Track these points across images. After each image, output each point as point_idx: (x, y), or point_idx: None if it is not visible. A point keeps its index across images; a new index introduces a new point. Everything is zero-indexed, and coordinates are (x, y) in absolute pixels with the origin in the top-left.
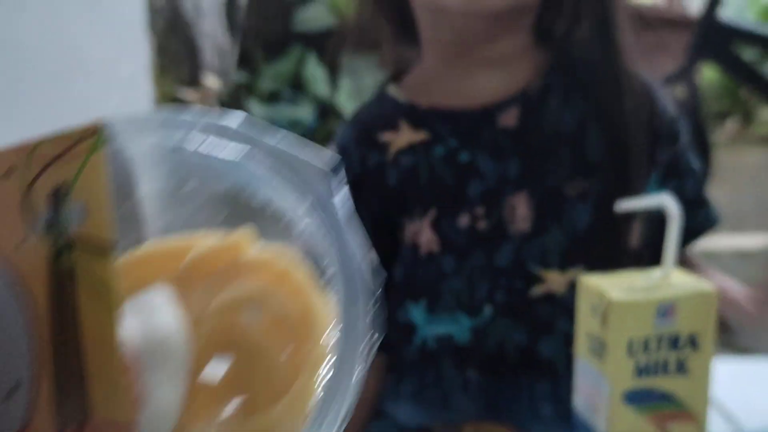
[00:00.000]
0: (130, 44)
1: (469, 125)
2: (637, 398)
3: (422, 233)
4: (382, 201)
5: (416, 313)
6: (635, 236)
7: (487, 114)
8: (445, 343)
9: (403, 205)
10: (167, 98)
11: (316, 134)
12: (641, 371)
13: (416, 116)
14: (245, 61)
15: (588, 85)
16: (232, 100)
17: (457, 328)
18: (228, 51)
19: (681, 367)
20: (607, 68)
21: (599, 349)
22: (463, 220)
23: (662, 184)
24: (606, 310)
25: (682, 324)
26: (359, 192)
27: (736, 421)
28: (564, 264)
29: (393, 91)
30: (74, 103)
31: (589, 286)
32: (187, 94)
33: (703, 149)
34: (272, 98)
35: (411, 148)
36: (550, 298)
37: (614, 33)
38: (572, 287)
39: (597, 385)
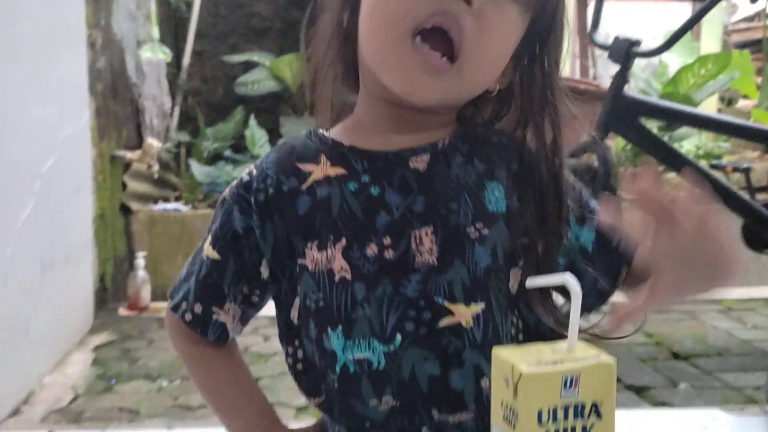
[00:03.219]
0: (71, 106)
1: (383, 165)
2: None
3: (335, 261)
4: (288, 225)
5: (335, 339)
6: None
7: (400, 156)
8: (364, 366)
9: (310, 232)
10: (106, 158)
11: None
12: None
13: (337, 153)
14: (187, 122)
15: (489, 152)
16: (174, 160)
17: (373, 354)
18: (169, 112)
19: None
20: (542, 164)
21: (512, 418)
22: (372, 249)
23: (582, 225)
24: (517, 381)
25: (586, 393)
26: (268, 213)
27: None
28: (468, 299)
29: (322, 130)
30: (12, 163)
31: (501, 358)
32: (127, 154)
33: None
34: (214, 158)
35: (326, 181)
36: (457, 330)
37: (558, 136)
38: (478, 320)
39: None
